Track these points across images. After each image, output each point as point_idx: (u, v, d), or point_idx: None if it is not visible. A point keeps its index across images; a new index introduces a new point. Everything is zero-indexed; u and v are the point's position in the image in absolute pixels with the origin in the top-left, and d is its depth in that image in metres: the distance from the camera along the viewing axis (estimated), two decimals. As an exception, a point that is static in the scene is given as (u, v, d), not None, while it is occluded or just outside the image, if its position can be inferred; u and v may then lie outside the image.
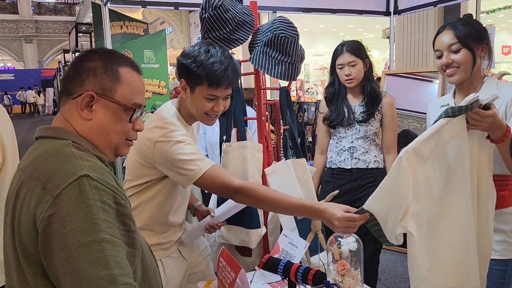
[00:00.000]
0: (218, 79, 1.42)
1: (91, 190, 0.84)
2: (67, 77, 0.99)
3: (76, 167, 0.87)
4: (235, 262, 1.31)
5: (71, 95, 0.98)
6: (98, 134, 1.00)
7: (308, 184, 1.87)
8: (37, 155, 0.94)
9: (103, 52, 1.02)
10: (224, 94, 1.48)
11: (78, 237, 0.80)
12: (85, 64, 0.98)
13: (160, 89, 3.45)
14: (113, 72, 0.99)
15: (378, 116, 2.31)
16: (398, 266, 3.45)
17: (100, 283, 0.79)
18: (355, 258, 1.41)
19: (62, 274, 0.81)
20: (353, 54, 2.25)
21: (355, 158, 2.31)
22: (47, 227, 0.82)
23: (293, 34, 1.68)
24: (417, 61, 6.55)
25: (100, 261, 0.80)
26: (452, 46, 1.56)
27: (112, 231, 0.85)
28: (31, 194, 0.86)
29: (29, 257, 0.86)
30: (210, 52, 1.44)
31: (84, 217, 0.82)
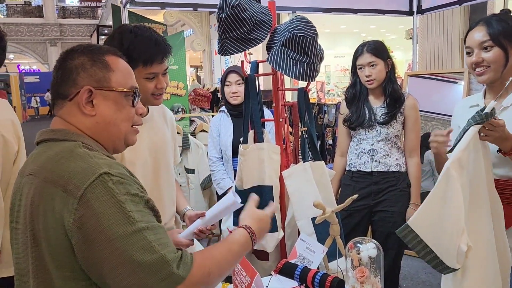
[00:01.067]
0: (151, 55, 1.39)
1: (115, 186, 0.86)
2: (57, 82, 0.98)
3: (93, 166, 0.87)
4: (251, 266, 1.28)
5: (67, 97, 0.97)
6: (105, 128, 1.00)
7: (326, 187, 1.82)
8: (47, 158, 0.92)
9: (83, 47, 1.01)
10: (161, 69, 1.44)
11: (120, 230, 0.82)
12: (70, 63, 0.97)
13: (178, 91, 3.46)
14: (101, 62, 0.99)
15: (400, 118, 2.25)
16: (420, 272, 3.36)
17: (152, 267, 0.81)
18: (374, 265, 1.36)
19: (109, 269, 0.81)
20: (373, 55, 2.19)
21: (375, 161, 2.25)
22: (81, 227, 0.82)
23: (312, 33, 1.64)
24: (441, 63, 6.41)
25: (146, 247, 0.82)
26: (483, 43, 1.47)
27: (147, 218, 0.87)
28: (52, 199, 0.86)
29: (59, 261, 0.87)
30: (133, 32, 1.40)
31: (117, 212, 0.83)
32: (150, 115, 1.58)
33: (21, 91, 20.87)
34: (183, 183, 3.02)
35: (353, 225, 2.29)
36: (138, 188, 0.91)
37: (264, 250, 1.80)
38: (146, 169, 1.51)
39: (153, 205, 0.93)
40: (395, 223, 2.24)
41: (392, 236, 2.24)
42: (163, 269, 0.82)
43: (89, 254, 0.83)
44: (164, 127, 1.65)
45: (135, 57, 1.37)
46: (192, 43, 12.03)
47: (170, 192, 1.65)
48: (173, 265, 0.83)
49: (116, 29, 1.49)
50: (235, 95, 2.58)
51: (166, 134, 1.64)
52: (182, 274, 0.84)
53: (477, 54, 1.49)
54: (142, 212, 0.87)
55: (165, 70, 1.48)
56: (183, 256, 0.87)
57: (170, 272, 0.83)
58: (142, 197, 0.90)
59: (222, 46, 1.74)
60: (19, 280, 0.96)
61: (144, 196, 0.90)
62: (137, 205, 0.87)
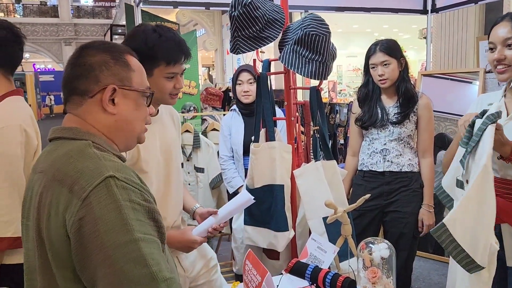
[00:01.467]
0: (174, 56, 1.41)
1: (119, 191, 0.84)
2: (74, 78, 0.97)
3: (100, 168, 0.86)
4: (262, 265, 1.27)
5: (87, 94, 0.96)
6: (123, 127, 1.00)
7: (338, 187, 1.81)
8: (57, 157, 0.92)
9: (101, 44, 1.01)
10: (181, 70, 1.47)
11: (114, 238, 0.80)
12: (90, 59, 0.96)
13: (190, 90, 3.46)
14: (123, 61, 1.00)
15: (414, 118, 2.22)
16: (432, 274, 3.32)
17: (140, 281, 0.80)
18: (387, 266, 1.34)
19: (100, 276, 0.80)
20: (386, 54, 2.17)
21: (387, 160, 2.23)
22: (79, 230, 0.82)
23: (325, 31, 1.62)
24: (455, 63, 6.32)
25: (138, 260, 0.80)
26: (507, 40, 1.43)
27: (145, 229, 0.85)
28: (58, 198, 0.86)
29: (60, 261, 0.86)
30: (156, 32, 1.42)
31: (115, 217, 0.82)
32: (160, 114, 1.60)
33: (36, 90, 21.17)
34: (192, 181, 3.03)
35: (364, 225, 2.27)
36: (142, 196, 0.88)
37: (275, 249, 1.80)
38: (159, 167, 1.52)
39: (155, 216, 0.90)
40: (407, 224, 2.22)
41: (404, 237, 2.22)
42: (150, 286, 0.80)
43: (84, 257, 0.82)
44: (172, 126, 1.66)
45: (159, 57, 1.39)
46: (204, 42, 12.07)
47: (179, 191, 1.65)
48: (161, 284, 0.81)
49: (137, 28, 1.49)
50: (246, 94, 2.57)
51: (174, 134, 1.65)
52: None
53: (500, 51, 1.45)
54: (141, 221, 0.85)
55: (183, 71, 1.50)
56: (175, 282, 0.85)
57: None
58: (144, 206, 0.87)
59: (234, 44, 1.74)
60: (28, 276, 0.97)
61: (146, 205, 0.88)
62: (138, 214, 0.85)
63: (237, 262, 2.02)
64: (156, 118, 1.55)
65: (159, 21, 3.65)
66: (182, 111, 3.48)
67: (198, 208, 1.69)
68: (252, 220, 1.85)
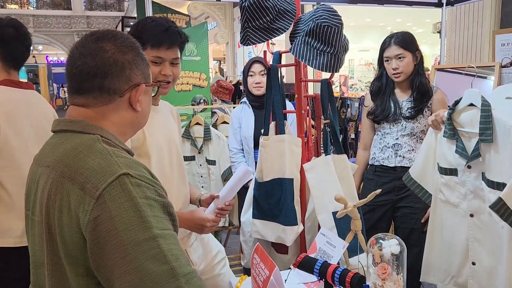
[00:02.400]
0: (159, 38, 1.42)
1: (134, 188, 0.83)
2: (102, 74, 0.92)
3: (113, 165, 0.85)
4: (270, 259, 1.26)
5: (117, 93, 0.95)
6: (140, 121, 1.03)
7: (348, 181, 1.79)
8: (64, 152, 0.91)
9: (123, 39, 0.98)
10: (169, 56, 1.46)
11: (133, 236, 0.80)
12: (122, 58, 0.94)
13: (200, 82, 3.44)
14: (145, 58, 1.01)
15: (427, 113, 2.18)
16: (443, 271, 3.27)
17: (161, 278, 0.80)
18: (397, 262, 1.32)
19: (118, 274, 0.80)
20: (401, 47, 2.13)
21: (399, 155, 2.19)
22: (95, 229, 0.81)
23: (337, 23, 1.59)
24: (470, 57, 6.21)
25: (158, 257, 0.81)
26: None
27: (162, 224, 0.85)
28: (68, 195, 0.85)
29: (73, 258, 0.86)
30: (151, 19, 1.48)
31: (133, 216, 0.81)
32: (160, 107, 1.60)
33: (49, 82, 21.37)
34: (205, 174, 3.03)
35: (374, 220, 2.25)
36: (156, 191, 0.88)
37: (284, 243, 1.78)
38: (162, 153, 1.52)
39: (170, 210, 0.90)
40: (418, 220, 2.19)
41: (415, 233, 2.19)
42: (171, 282, 0.80)
43: (101, 256, 0.82)
44: (172, 121, 1.66)
45: (144, 38, 1.41)
46: (215, 35, 12.03)
47: (182, 182, 1.65)
48: (181, 279, 0.81)
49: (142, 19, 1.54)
50: (258, 86, 2.55)
51: (175, 127, 1.66)
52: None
53: None
54: (158, 217, 0.85)
55: (174, 60, 1.48)
56: (195, 275, 0.85)
57: (177, 286, 0.81)
58: (160, 201, 0.87)
59: (245, 35, 1.71)
60: (35, 270, 0.97)
61: (161, 200, 0.88)
62: (154, 210, 0.85)
63: (245, 255, 2.01)
64: (158, 108, 1.56)
65: (170, 13, 3.64)
66: (192, 104, 3.47)
67: (202, 196, 1.70)
68: (260, 213, 1.84)
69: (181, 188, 1.62)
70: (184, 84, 3.40)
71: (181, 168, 1.63)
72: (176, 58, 1.49)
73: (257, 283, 1.31)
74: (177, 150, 1.61)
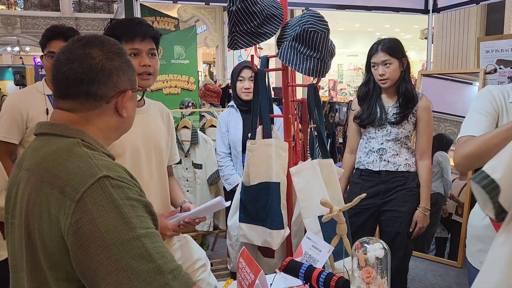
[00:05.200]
0: (132, 30, 1.47)
1: (115, 190, 0.84)
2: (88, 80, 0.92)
3: (92, 168, 0.85)
4: (255, 263, 1.26)
5: (103, 100, 0.95)
6: (124, 126, 1.03)
7: (334, 185, 1.80)
8: (44, 155, 0.90)
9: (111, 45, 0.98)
10: (144, 47, 1.49)
11: (117, 236, 0.80)
12: (110, 64, 0.95)
13: (189, 85, 3.44)
14: (132, 65, 1.02)
15: (412, 119, 2.21)
16: (428, 274, 3.31)
17: (148, 276, 0.80)
18: (381, 266, 1.33)
19: (104, 274, 0.80)
20: (388, 54, 2.15)
21: (384, 160, 2.22)
22: (77, 231, 0.81)
23: (323, 28, 1.61)
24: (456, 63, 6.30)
25: (143, 255, 0.81)
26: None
27: (146, 224, 0.85)
28: (48, 200, 0.84)
29: (53, 263, 0.85)
30: (122, 19, 1.54)
31: (116, 217, 0.81)
32: (147, 107, 1.59)
33: (36, 83, 21.10)
34: (190, 177, 3.01)
35: (360, 224, 2.27)
36: (137, 192, 0.89)
37: (270, 247, 1.78)
38: (136, 154, 1.51)
39: (151, 209, 0.91)
40: (403, 223, 2.21)
41: (400, 236, 2.21)
42: (157, 279, 0.81)
43: (85, 258, 0.81)
44: (159, 121, 1.64)
45: (118, 34, 1.45)
46: (205, 39, 12.04)
47: (163, 183, 1.63)
48: (168, 276, 0.82)
49: None
50: (247, 91, 2.55)
51: (161, 129, 1.64)
52: (178, 287, 0.83)
53: None
54: (141, 217, 0.85)
55: (150, 50, 1.51)
56: (182, 270, 0.86)
57: (164, 282, 0.81)
58: (141, 201, 0.88)
59: (232, 39, 1.72)
60: (14, 274, 0.96)
61: (143, 200, 0.88)
62: (137, 210, 0.85)
63: (231, 259, 2.01)
64: (142, 109, 1.55)
65: (158, 16, 3.63)
66: (180, 107, 3.46)
67: (184, 203, 1.69)
68: (247, 217, 1.84)
69: (160, 193, 1.60)
70: (172, 87, 3.40)
71: (161, 173, 1.61)
72: (152, 49, 1.52)
73: (243, 287, 1.31)
74: (158, 153, 1.59)
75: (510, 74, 3.29)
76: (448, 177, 3.50)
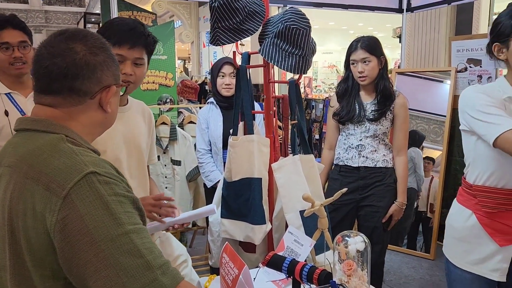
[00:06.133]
0: (121, 36, 1.40)
1: (102, 186, 0.83)
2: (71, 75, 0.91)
3: (79, 164, 0.84)
4: (239, 258, 1.27)
5: (87, 95, 0.93)
6: (108, 121, 1.02)
7: (315, 180, 1.83)
8: (27, 151, 0.88)
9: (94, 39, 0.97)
10: (131, 55, 1.42)
11: (105, 232, 0.80)
12: (94, 59, 0.93)
13: (167, 81, 3.40)
14: (116, 60, 1.01)
15: (390, 116, 2.26)
16: (403, 267, 3.41)
17: (137, 271, 0.80)
18: (362, 258, 1.36)
19: (92, 271, 0.79)
20: (367, 51, 2.19)
21: (363, 156, 2.26)
22: (64, 228, 0.80)
23: (305, 26, 1.63)
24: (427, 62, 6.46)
25: (132, 251, 0.81)
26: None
27: (133, 219, 0.85)
28: (33, 197, 0.83)
29: (38, 261, 0.84)
30: (120, 19, 1.47)
31: (104, 213, 0.81)
32: (129, 106, 1.58)
33: (2, 78, 20.35)
34: (169, 174, 2.99)
35: (339, 219, 2.31)
36: (125, 188, 0.88)
37: (252, 242, 1.80)
38: (118, 151, 1.49)
39: (139, 205, 0.90)
40: (380, 218, 2.27)
41: (377, 231, 2.26)
42: (146, 275, 0.81)
43: (72, 255, 0.80)
44: (140, 121, 1.63)
45: (107, 35, 1.37)
46: (180, 34, 11.89)
47: (144, 183, 1.62)
48: (157, 271, 0.82)
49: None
50: (228, 87, 2.55)
51: (142, 128, 1.62)
52: (167, 283, 0.82)
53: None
54: (129, 213, 0.85)
55: (137, 59, 1.45)
56: (170, 266, 0.86)
57: (153, 278, 0.81)
58: (129, 197, 0.87)
59: (214, 35, 1.72)
60: None
61: (130, 196, 0.88)
62: (124, 206, 0.84)
63: (213, 255, 2.01)
64: (125, 108, 1.54)
65: (135, 11, 3.58)
66: (158, 103, 3.42)
67: None
68: (229, 213, 1.85)
69: (140, 194, 1.58)
70: (150, 83, 3.36)
71: (142, 173, 1.60)
72: (139, 58, 1.45)
73: (226, 282, 1.32)
74: (139, 154, 1.58)
75: (480, 72, 3.41)
76: (421, 172, 3.61)
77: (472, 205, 1.52)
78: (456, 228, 1.57)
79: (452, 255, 1.59)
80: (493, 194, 1.46)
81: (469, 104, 1.45)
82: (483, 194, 1.48)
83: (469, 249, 1.52)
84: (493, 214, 1.47)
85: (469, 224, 1.51)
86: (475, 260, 1.51)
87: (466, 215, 1.53)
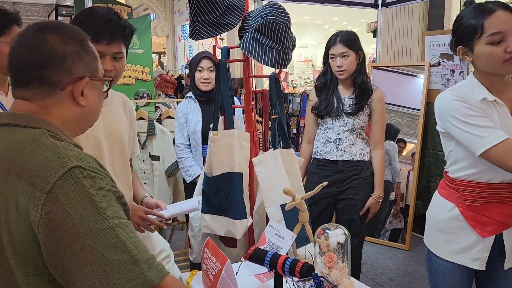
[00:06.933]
0: (99, 31, 1.33)
1: (86, 181, 0.81)
2: (39, 66, 0.89)
3: (63, 158, 0.82)
4: (221, 253, 1.27)
5: (57, 86, 0.91)
6: (88, 117, 0.99)
7: (295, 174, 1.84)
8: (8, 146, 0.86)
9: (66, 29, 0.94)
10: (109, 50, 1.38)
11: (90, 227, 0.78)
12: (63, 49, 0.91)
13: (144, 76, 3.35)
14: (91, 51, 0.98)
15: (367, 110, 2.30)
16: (379, 258, 3.48)
17: (122, 266, 0.79)
18: (342, 251, 1.39)
19: (78, 266, 0.78)
20: (345, 46, 2.22)
21: (340, 150, 2.29)
22: (48, 223, 0.78)
23: (285, 20, 1.63)
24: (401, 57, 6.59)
25: (117, 246, 0.80)
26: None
27: (118, 214, 0.84)
28: (15, 192, 0.81)
29: (22, 257, 0.82)
30: (94, 9, 1.39)
31: (88, 208, 0.80)
32: (110, 99, 1.55)
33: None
34: (148, 170, 2.96)
35: (318, 212, 2.34)
36: (109, 182, 0.87)
37: (233, 237, 1.80)
38: (98, 146, 1.47)
39: (123, 200, 0.89)
40: (358, 211, 2.31)
41: (355, 223, 2.30)
42: (132, 269, 0.80)
43: (57, 251, 0.79)
44: (122, 114, 1.60)
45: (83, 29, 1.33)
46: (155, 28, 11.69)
47: (127, 177, 1.61)
48: (143, 266, 0.82)
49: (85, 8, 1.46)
50: (206, 81, 2.54)
51: (124, 122, 1.60)
52: (153, 277, 0.82)
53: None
54: (114, 207, 0.84)
55: (116, 54, 1.41)
56: (155, 260, 0.86)
57: (139, 272, 0.81)
58: (114, 191, 0.86)
59: (194, 29, 1.70)
60: None
61: (115, 191, 0.87)
62: (109, 200, 0.84)
63: (194, 250, 2.00)
64: (106, 101, 1.50)
65: (110, 4, 3.50)
66: (135, 98, 3.37)
67: (146, 198, 1.67)
68: (210, 208, 1.84)
69: (123, 188, 1.57)
70: (126, 78, 3.30)
71: (124, 167, 1.58)
72: (118, 52, 1.42)
73: (209, 277, 1.32)
74: (121, 147, 1.55)
75: (452, 67, 3.50)
76: (396, 165, 3.69)
77: (454, 199, 1.52)
78: (438, 219, 1.58)
79: (434, 246, 1.61)
80: (476, 189, 1.46)
81: (449, 111, 1.42)
82: (466, 189, 1.49)
83: (450, 239, 1.54)
84: (476, 207, 1.47)
85: (451, 216, 1.52)
86: (456, 250, 1.53)
87: (448, 207, 1.54)
